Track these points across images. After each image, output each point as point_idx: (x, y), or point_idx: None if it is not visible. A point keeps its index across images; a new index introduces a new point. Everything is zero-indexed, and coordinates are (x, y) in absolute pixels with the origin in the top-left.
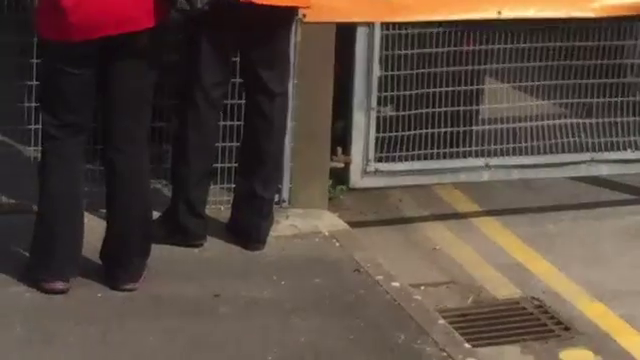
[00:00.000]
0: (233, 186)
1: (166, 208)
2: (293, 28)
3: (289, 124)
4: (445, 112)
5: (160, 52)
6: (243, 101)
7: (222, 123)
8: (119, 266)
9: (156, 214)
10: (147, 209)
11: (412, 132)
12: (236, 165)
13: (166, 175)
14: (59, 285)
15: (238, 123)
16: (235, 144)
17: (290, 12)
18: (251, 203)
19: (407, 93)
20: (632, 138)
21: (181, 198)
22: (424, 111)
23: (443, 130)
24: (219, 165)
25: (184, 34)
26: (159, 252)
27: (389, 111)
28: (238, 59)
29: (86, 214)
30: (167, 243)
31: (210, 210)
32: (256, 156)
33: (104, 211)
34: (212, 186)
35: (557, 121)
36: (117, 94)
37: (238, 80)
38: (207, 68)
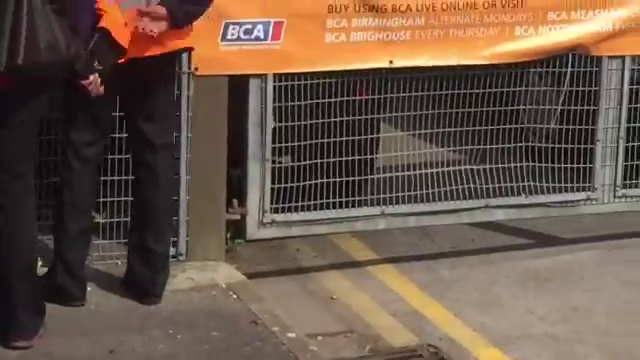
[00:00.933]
0: None
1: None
2: (186, 81)
3: (184, 177)
4: (340, 162)
5: (22, 112)
6: None
7: (117, 178)
8: (7, 323)
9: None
10: (30, 266)
11: (308, 182)
12: None
13: None
14: None
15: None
16: (130, 198)
17: (169, 63)
18: (144, 257)
19: (302, 144)
20: (525, 183)
21: (58, 257)
22: (319, 161)
23: (339, 180)
24: (115, 219)
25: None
26: (54, 309)
27: (287, 161)
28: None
29: None
30: (47, 301)
31: (107, 265)
32: (145, 209)
33: None
34: (109, 241)
35: (452, 168)
36: None
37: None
38: (79, 126)
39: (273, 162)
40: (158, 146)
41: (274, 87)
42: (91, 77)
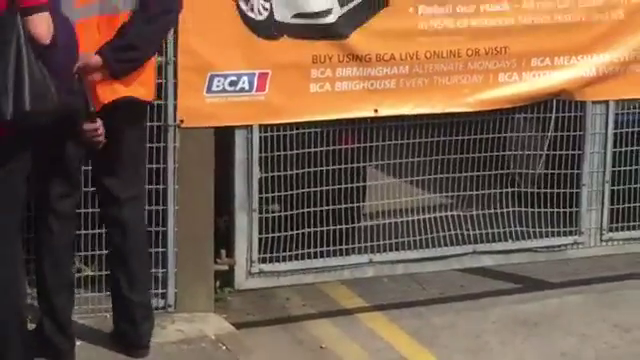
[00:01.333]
0: None
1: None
2: (172, 133)
3: (172, 229)
4: (327, 210)
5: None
6: None
7: (105, 231)
8: None
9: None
10: (21, 320)
11: (295, 232)
12: None
13: None
14: None
15: None
16: None
17: (132, 117)
18: (123, 308)
19: (289, 193)
20: (512, 228)
21: (44, 312)
22: (306, 210)
23: (326, 228)
24: (104, 272)
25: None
26: None
27: (276, 209)
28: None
29: None
30: (37, 357)
31: (95, 318)
32: (117, 259)
33: None
34: (97, 294)
35: (439, 214)
36: None
37: None
38: (52, 180)
39: (260, 212)
40: (123, 200)
41: (260, 138)
42: (98, 121)
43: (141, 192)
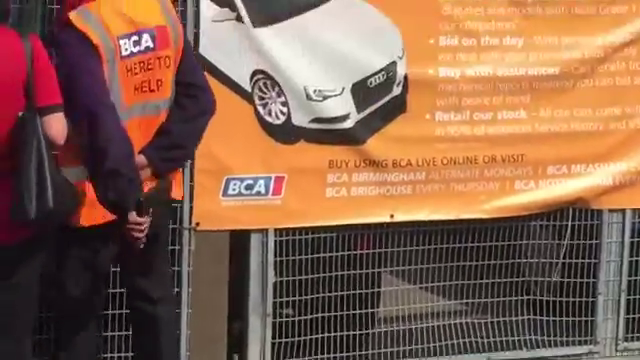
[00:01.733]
0: None
1: None
2: (187, 236)
3: (185, 332)
4: (342, 316)
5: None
6: None
7: (117, 333)
8: None
9: None
10: None
11: (309, 337)
12: None
13: None
14: None
15: None
16: (131, 354)
17: (167, 216)
18: None
19: (303, 298)
20: (527, 337)
21: None
22: (320, 315)
23: (340, 334)
24: None
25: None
26: None
27: (290, 313)
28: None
29: None
30: None
31: None
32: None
33: None
34: None
35: (453, 321)
36: None
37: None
38: (75, 284)
39: (274, 316)
40: (157, 299)
41: (275, 241)
42: (145, 217)
43: (171, 291)
